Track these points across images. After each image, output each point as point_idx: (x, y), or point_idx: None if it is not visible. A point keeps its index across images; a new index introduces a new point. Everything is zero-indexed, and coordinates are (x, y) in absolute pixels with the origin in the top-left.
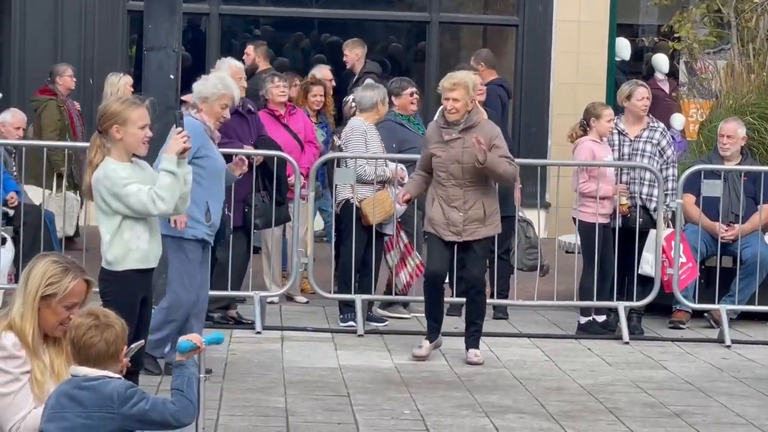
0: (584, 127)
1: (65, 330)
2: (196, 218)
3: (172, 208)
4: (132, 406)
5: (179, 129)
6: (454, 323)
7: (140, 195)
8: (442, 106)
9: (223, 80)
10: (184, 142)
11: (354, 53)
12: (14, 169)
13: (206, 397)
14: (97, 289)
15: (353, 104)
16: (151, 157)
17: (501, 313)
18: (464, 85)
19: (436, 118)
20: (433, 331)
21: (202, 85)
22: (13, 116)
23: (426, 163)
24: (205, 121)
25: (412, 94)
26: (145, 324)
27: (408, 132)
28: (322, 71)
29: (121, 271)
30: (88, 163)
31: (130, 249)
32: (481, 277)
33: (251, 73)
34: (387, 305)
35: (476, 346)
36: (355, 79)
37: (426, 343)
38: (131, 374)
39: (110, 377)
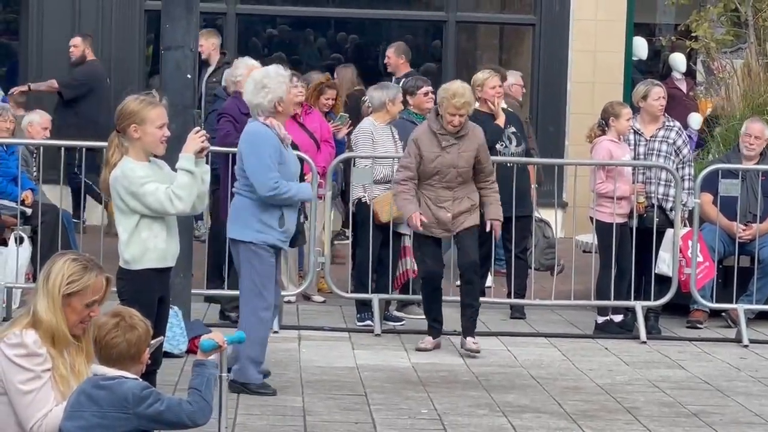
0: (602, 127)
1: (85, 328)
2: (269, 224)
3: (190, 207)
4: (147, 406)
5: (197, 129)
6: None
7: (158, 194)
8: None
9: (271, 74)
10: (202, 142)
11: (210, 42)
12: (34, 168)
13: (226, 397)
14: (114, 288)
15: (369, 104)
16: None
17: (518, 312)
18: (470, 102)
19: (428, 122)
20: (436, 330)
21: (266, 93)
22: (41, 117)
23: (416, 166)
24: (274, 126)
25: (426, 93)
26: (163, 323)
27: None
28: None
29: (139, 270)
30: (106, 161)
31: (147, 248)
32: (476, 261)
33: (78, 63)
34: (402, 306)
35: (473, 333)
36: (212, 70)
37: (429, 339)
38: (149, 373)
39: (126, 377)
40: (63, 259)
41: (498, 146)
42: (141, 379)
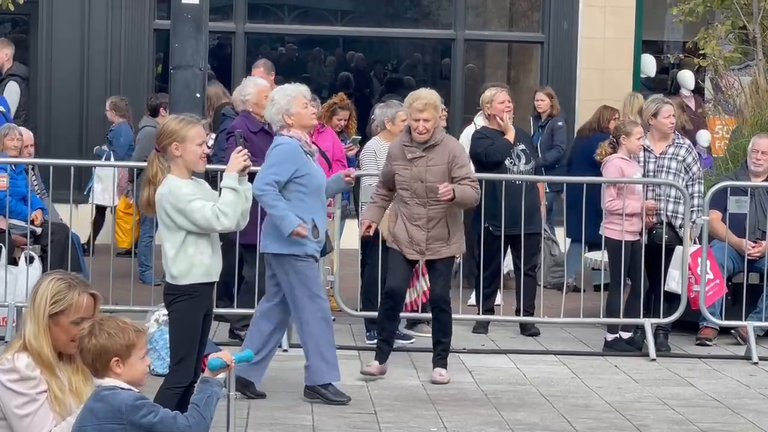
0: (613, 145)
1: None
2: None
3: (235, 224)
4: (141, 417)
5: (239, 148)
6: (481, 341)
7: (204, 211)
8: (406, 124)
9: (282, 89)
10: (244, 161)
11: (3, 53)
12: (36, 185)
13: (234, 415)
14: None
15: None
16: None
17: (532, 329)
18: (434, 105)
19: (402, 134)
20: (383, 354)
21: (271, 106)
22: (23, 134)
23: (388, 180)
24: (299, 137)
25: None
26: (205, 337)
27: None
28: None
29: (186, 285)
30: (147, 180)
31: (193, 263)
32: (445, 296)
33: None
34: (411, 324)
35: (443, 365)
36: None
37: (376, 363)
38: (188, 385)
39: (122, 388)
40: (48, 279)
41: (507, 163)
42: (136, 390)
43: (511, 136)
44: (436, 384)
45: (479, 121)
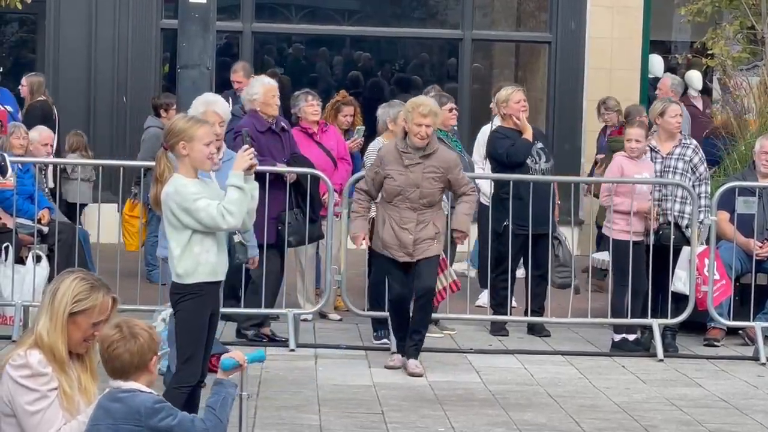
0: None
1: (89, 346)
2: None
3: (240, 223)
4: (159, 420)
5: (245, 147)
6: (488, 341)
7: (210, 210)
8: (401, 129)
9: (204, 101)
10: (250, 159)
11: None
12: (45, 186)
13: (247, 415)
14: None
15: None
16: None
17: (542, 331)
18: (435, 112)
19: (395, 140)
20: (402, 349)
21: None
22: (40, 134)
23: (377, 184)
24: None
25: (451, 110)
26: (212, 336)
27: None
28: None
29: (192, 284)
30: (155, 178)
31: (199, 262)
32: (434, 288)
33: None
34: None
35: (416, 357)
36: None
37: (398, 356)
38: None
39: (141, 391)
40: (71, 278)
41: (528, 162)
42: (155, 393)
43: (529, 135)
44: (413, 376)
45: (497, 121)
